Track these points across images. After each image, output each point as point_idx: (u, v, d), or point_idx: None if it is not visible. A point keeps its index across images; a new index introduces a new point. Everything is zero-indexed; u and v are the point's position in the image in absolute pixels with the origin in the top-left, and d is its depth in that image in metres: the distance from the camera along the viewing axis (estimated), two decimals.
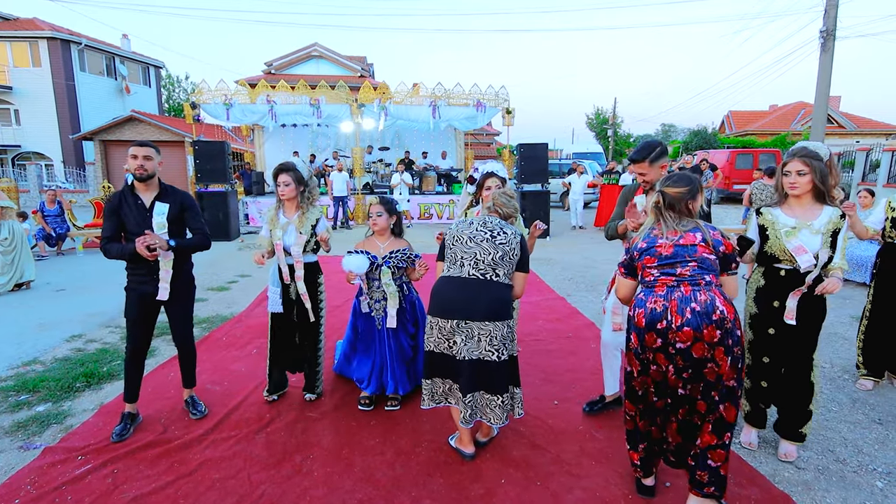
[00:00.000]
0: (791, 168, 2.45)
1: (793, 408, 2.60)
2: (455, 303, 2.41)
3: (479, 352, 2.40)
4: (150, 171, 2.80)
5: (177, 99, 35.68)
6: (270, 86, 12.03)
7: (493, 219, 2.52)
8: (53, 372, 3.74)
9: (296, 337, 3.20)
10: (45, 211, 8.95)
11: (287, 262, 3.01)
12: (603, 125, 40.09)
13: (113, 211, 2.78)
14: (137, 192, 2.82)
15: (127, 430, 2.84)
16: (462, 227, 2.50)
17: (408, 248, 3.11)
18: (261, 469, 2.54)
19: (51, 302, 5.87)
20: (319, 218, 3.09)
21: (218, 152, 10.82)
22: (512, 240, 2.45)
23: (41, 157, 22.37)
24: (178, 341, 3.04)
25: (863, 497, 2.33)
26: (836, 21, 12.97)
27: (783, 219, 2.50)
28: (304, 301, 3.05)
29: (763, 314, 2.60)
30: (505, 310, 2.44)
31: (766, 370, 2.63)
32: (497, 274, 2.42)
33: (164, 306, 2.93)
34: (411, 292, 3.23)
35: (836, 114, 25.62)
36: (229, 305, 5.50)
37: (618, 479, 2.44)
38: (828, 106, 14.44)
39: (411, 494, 2.35)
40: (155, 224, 2.77)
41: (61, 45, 22.02)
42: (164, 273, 2.81)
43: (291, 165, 3.03)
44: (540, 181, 11.03)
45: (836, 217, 2.42)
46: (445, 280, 2.49)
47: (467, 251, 2.43)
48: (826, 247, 2.40)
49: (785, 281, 2.51)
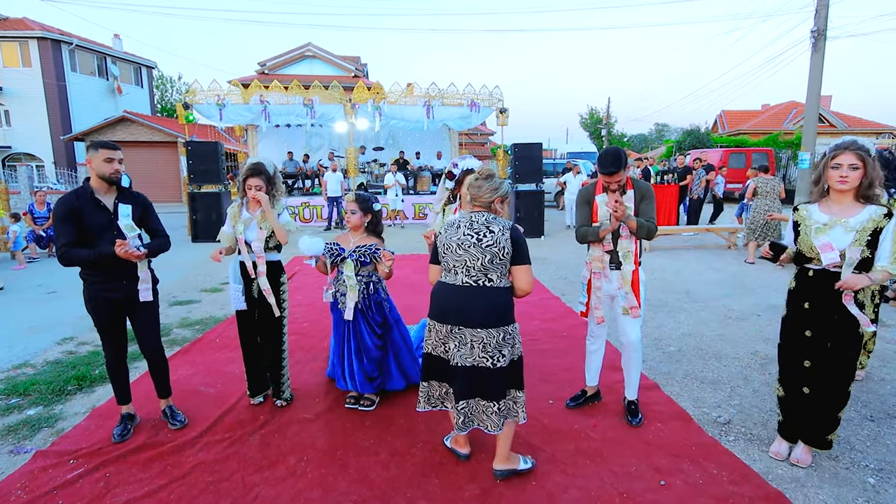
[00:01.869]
0: (843, 161, 2.26)
1: (824, 414, 2.47)
2: (449, 308, 2.36)
3: (472, 359, 2.32)
4: (122, 173, 2.73)
5: (170, 99, 35.47)
6: (264, 86, 11.97)
7: (480, 216, 2.36)
8: (44, 375, 3.70)
9: (258, 337, 3.15)
10: (35, 213, 8.87)
11: (250, 258, 2.98)
12: (597, 125, 40.22)
13: (71, 214, 2.59)
14: (98, 195, 2.68)
15: (127, 430, 2.84)
16: (450, 234, 2.38)
17: (375, 244, 3.06)
18: (255, 471, 2.52)
19: (42, 304, 5.82)
20: (281, 213, 3.06)
21: (211, 153, 10.77)
22: (499, 239, 2.29)
23: (32, 159, 22.16)
24: (149, 349, 2.90)
25: (855, 493, 2.35)
26: (826, 21, 13.07)
27: (817, 215, 2.38)
28: (266, 296, 3.00)
29: (794, 317, 2.51)
30: (499, 315, 2.33)
31: (806, 375, 2.49)
32: (490, 279, 2.31)
33: (129, 316, 2.83)
34: (379, 293, 3.16)
35: (827, 113, 25.81)
36: (222, 307, 5.47)
37: (613, 479, 2.44)
38: (819, 105, 14.54)
39: (406, 495, 2.34)
40: (123, 226, 2.67)
41: (52, 45, 21.82)
42: (144, 274, 2.75)
43: (262, 168, 2.98)
44: (534, 181, 11.06)
45: (879, 216, 2.24)
46: (441, 286, 2.43)
47: (458, 259, 2.33)
48: (860, 245, 2.24)
49: (813, 281, 2.40)
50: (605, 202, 2.81)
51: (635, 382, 3.00)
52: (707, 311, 5.28)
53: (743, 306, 5.41)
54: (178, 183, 20.64)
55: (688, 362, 3.92)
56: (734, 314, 5.15)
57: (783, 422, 2.63)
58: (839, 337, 2.38)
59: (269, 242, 3.01)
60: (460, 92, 12.09)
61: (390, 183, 12.28)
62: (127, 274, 2.72)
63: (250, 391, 3.22)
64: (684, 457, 2.62)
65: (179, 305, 5.61)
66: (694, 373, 3.72)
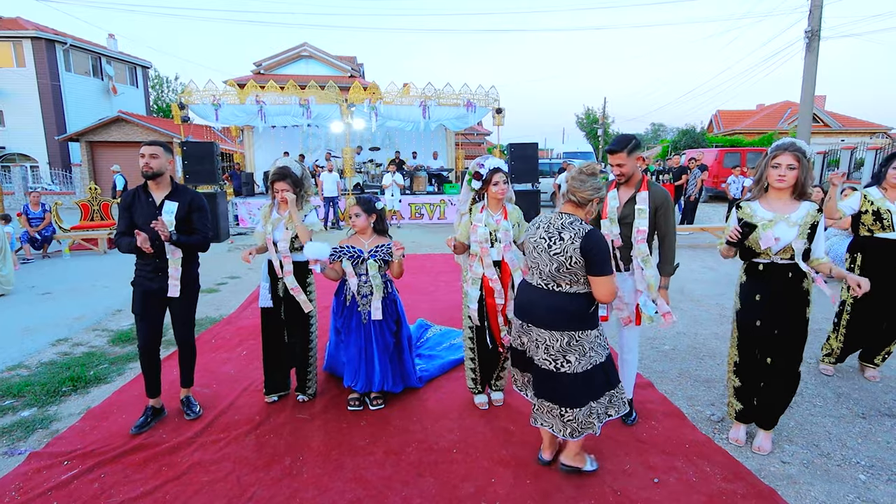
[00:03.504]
0: (782, 161, 2.47)
1: (776, 397, 2.64)
2: (522, 304, 2.39)
3: (538, 358, 2.32)
4: (156, 169, 2.84)
5: (166, 100, 35.32)
6: (259, 86, 11.94)
7: (559, 219, 2.25)
8: (39, 376, 3.69)
9: (284, 335, 3.20)
10: (29, 213, 8.83)
11: (277, 257, 3.05)
12: (593, 124, 40.33)
13: (125, 207, 2.89)
14: (150, 190, 2.89)
15: (147, 423, 2.92)
16: (530, 233, 2.36)
17: (391, 243, 3.09)
18: (250, 471, 2.53)
19: (36, 305, 5.79)
20: (308, 214, 3.12)
21: (207, 153, 10.73)
22: (567, 248, 2.16)
23: (26, 159, 22.03)
24: (180, 340, 3.08)
25: (846, 490, 2.37)
26: (820, 21, 13.15)
27: (761, 212, 2.55)
28: (294, 295, 3.07)
29: (746, 308, 2.64)
30: (563, 320, 2.23)
31: (755, 365, 2.66)
32: (558, 285, 2.23)
33: (169, 305, 2.97)
34: (392, 291, 3.23)
35: (821, 113, 25.96)
36: (218, 307, 5.45)
37: (607, 476, 2.46)
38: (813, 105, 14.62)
39: (402, 494, 2.35)
40: (164, 221, 2.81)
41: (46, 45, 21.71)
42: (174, 270, 2.88)
43: (288, 171, 3.04)
44: (530, 181, 11.08)
45: (814, 211, 2.48)
46: (524, 283, 2.47)
47: (533, 261, 2.32)
48: (802, 238, 2.46)
49: (763, 274, 2.57)
50: (613, 198, 2.82)
51: (631, 382, 3.01)
52: (701, 309, 5.31)
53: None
54: None
55: (682, 361, 3.94)
56: (728, 312, 5.17)
57: (741, 409, 2.77)
58: (787, 325, 2.55)
59: (295, 243, 3.07)
60: (456, 92, 12.10)
61: (388, 183, 12.28)
62: (162, 267, 2.87)
63: (266, 389, 3.25)
64: (678, 455, 2.64)
65: None
66: (688, 371, 3.75)
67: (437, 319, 4.79)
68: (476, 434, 2.86)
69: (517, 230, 2.97)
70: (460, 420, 3.02)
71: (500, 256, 2.92)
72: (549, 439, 2.55)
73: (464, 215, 3.04)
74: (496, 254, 2.92)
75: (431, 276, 6.74)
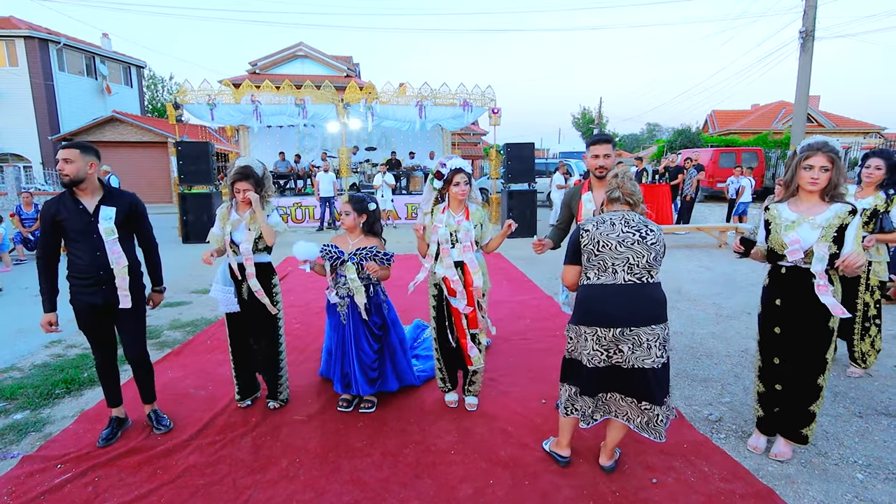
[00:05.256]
0: (815, 162, 2.33)
1: (797, 409, 2.53)
2: (615, 310, 2.23)
3: (651, 359, 2.22)
4: (73, 176, 2.53)
5: (161, 99, 35.15)
6: (255, 86, 11.89)
7: (632, 215, 2.30)
8: (32, 378, 3.65)
9: (251, 339, 3.10)
10: (22, 214, 8.76)
11: (237, 259, 2.94)
12: (589, 124, 40.38)
13: (49, 221, 2.57)
14: (78, 198, 2.59)
15: (114, 434, 2.80)
16: (605, 230, 2.27)
17: (376, 246, 3.04)
18: (246, 474, 2.50)
19: (29, 307, 5.73)
20: (270, 214, 3.01)
21: (202, 153, 10.68)
22: (660, 238, 2.27)
23: (19, 159, 21.84)
24: (130, 355, 2.82)
25: (844, 489, 2.37)
26: (814, 22, 13.22)
27: (786, 213, 2.45)
28: (259, 297, 2.95)
29: (767, 313, 2.57)
30: (665, 310, 2.29)
31: (777, 371, 2.57)
32: (651, 275, 2.26)
33: (113, 318, 2.75)
34: (378, 294, 3.15)
35: (815, 113, 26.09)
36: (213, 308, 5.41)
37: (605, 477, 2.45)
38: (808, 105, 14.71)
39: (399, 496, 2.33)
40: (103, 230, 2.59)
41: (39, 45, 21.52)
42: (121, 281, 2.65)
43: (250, 171, 2.93)
44: (526, 181, 11.09)
45: (844, 213, 2.32)
46: (596, 288, 2.30)
47: (618, 256, 2.24)
48: (826, 241, 2.30)
49: (786, 278, 2.47)
50: (589, 200, 2.83)
51: None
52: (698, 309, 5.32)
53: (734, 305, 5.46)
54: (168, 184, 20.46)
55: (679, 360, 3.94)
56: (725, 312, 5.19)
57: (762, 417, 2.69)
58: (808, 333, 2.44)
59: (259, 244, 2.96)
60: (453, 92, 12.09)
61: (378, 184, 12.26)
62: (105, 279, 2.63)
63: (239, 394, 3.18)
64: (676, 455, 2.63)
65: (170, 307, 5.56)
66: (685, 371, 3.75)
67: None
68: (474, 435, 2.85)
69: (479, 231, 2.97)
70: (458, 421, 3.00)
71: (461, 257, 2.91)
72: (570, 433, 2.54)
73: (427, 215, 3.03)
74: (456, 254, 2.91)
75: None
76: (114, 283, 2.65)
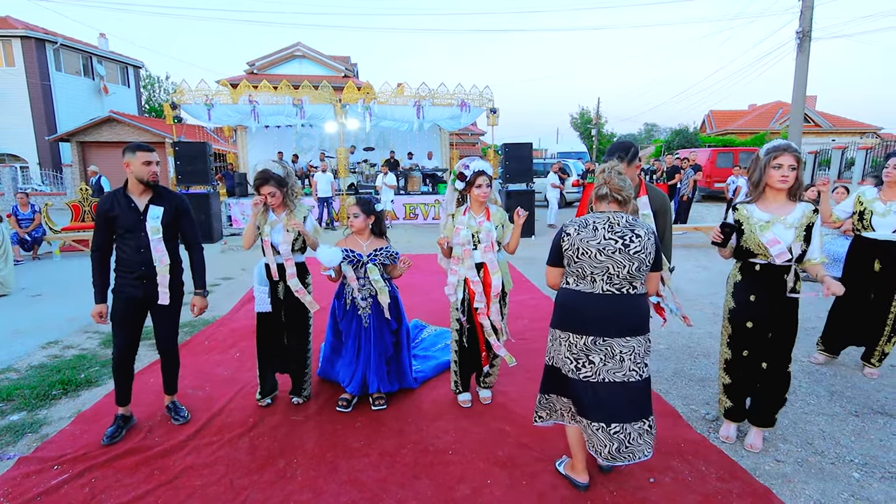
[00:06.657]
0: (784, 161, 2.45)
1: (770, 398, 2.66)
2: (590, 318, 2.13)
3: (622, 373, 2.12)
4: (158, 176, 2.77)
5: (157, 99, 35.06)
6: (252, 86, 11.87)
7: (619, 217, 2.13)
8: (28, 379, 3.64)
9: (283, 337, 3.16)
10: (18, 214, 8.73)
11: (276, 260, 3.00)
12: (587, 125, 40.44)
13: (104, 216, 2.73)
14: (130, 195, 2.75)
15: (119, 432, 2.82)
16: (585, 236, 2.11)
17: (389, 246, 3.13)
18: (244, 475, 2.50)
19: (27, 307, 5.72)
20: (307, 216, 3.09)
21: (199, 153, 10.65)
22: (646, 245, 2.09)
23: (16, 160, 21.76)
24: (162, 347, 2.98)
25: (840, 488, 2.38)
26: (811, 22, 13.26)
27: (758, 214, 2.55)
28: (300, 297, 3.02)
29: (740, 308, 2.65)
30: (645, 323, 2.17)
31: (745, 364, 2.68)
32: (634, 286, 2.13)
33: (151, 311, 2.88)
34: (393, 289, 3.24)
35: (812, 113, 26.18)
36: (212, 309, 5.39)
37: (602, 477, 2.45)
38: (804, 105, 14.74)
39: (397, 496, 2.33)
40: (149, 228, 2.72)
41: (36, 45, 21.45)
42: (162, 278, 2.78)
43: (270, 174, 2.96)
44: (525, 181, 11.09)
45: (809, 211, 2.47)
46: (574, 294, 2.19)
47: (597, 266, 2.09)
48: (799, 240, 2.45)
49: (760, 275, 2.57)
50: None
51: None
52: (696, 309, 5.33)
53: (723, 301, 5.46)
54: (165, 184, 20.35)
55: (676, 360, 3.95)
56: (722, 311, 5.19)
57: (730, 407, 2.78)
58: (780, 326, 2.57)
59: (295, 244, 3.02)
60: (450, 92, 12.09)
61: (379, 185, 12.24)
62: (147, 274, 2.76)
63: (261, 392, 3.21)
64: (673, 454, 2.64)
65: None
66: (682, 370, 3.75)
67: (432, 320, 4.78)
68: (472, 435, 2.85)
69: (501, 231, 2.98)
70: (455, 421, 3.01)
71: (483, 258, 2.92)
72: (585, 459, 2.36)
73: (450, 216, 3.04)
74: (479, 256, 2.92)
75: (426, 277, 6.71)
76: (155, 280, 2.78)
